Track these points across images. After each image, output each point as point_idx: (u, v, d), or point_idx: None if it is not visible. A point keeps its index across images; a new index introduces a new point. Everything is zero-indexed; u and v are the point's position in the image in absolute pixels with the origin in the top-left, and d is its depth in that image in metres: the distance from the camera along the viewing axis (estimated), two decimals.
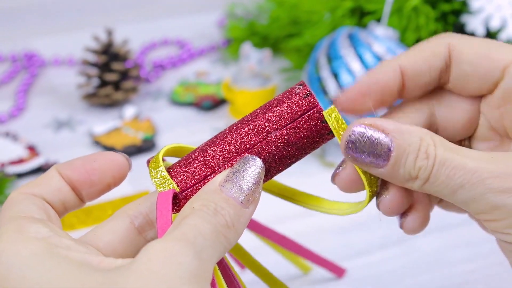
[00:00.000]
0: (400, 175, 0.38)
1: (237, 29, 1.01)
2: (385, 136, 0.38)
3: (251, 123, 0.40)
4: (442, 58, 0.41)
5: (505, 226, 0.37)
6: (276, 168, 0.40)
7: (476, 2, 0.81)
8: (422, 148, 0.37)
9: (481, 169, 0.36)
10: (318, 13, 0.89)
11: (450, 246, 0.65)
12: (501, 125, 0.42)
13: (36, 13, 1.16)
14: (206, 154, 0.40)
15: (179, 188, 0.40)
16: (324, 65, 0.76)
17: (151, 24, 1.13)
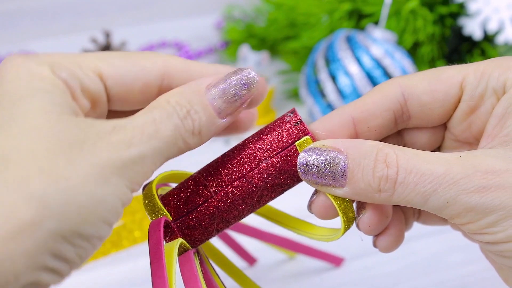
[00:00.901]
0: (363, 190, 0.37)
1: (235, 31, 1.01)
2: (338, 154, 0.37)
3: (243, 152, 0.40)
4: (393, 98, 0.41)
5: (482, 227, 0.36)
6: (268, 195, 0.40)
7: (473, 4, 0.81)
8: (380, 158, 0.37)
9: (451, 171, 0.35)
10: (316, 16, 0.89)
11: (447, 249, 0.65)
12: (468, 134, 0.42)
13: (34, 16, 1.16)
14: (199, 183, 0.40)
15: (172, 217, 0.40)
16: (322, 67, 0.76)
17: (149, 26, 1.13)
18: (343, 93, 0.74)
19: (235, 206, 0.40)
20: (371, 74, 0.74)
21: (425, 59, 0.84)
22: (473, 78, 0.40)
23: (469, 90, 0.40)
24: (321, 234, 0.43)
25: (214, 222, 0.40)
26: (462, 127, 0.42)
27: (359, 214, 0.40)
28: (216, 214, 0.40)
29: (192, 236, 0.40)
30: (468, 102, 0.40)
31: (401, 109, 0.41)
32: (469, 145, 0.42)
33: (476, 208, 0.35)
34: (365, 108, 0.41)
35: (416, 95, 0.41)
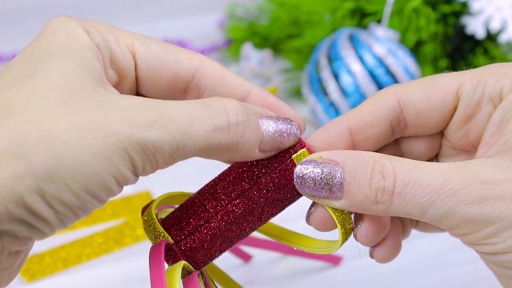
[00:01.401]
0: (360, 202, 0.37)
1: (238, 30, 1.01)
2: (335, 166, 0.37)
3: (240, 169, 0.40)
4: (389, 107, 0.40)
5: (481, 238, 0.36)
6: (269, 212, 0.40)
7: (476, 3, 0.81)
8: (376, 170, 0.36)
9: (449, 182, 0.35)
10: (318, 14, 0.89)
11: (449, 248, 0.65)
12: (465, 141, 0.41)
13: (36, 14, 1.16)
14: (199, 204, 0.40)
15: (172, 239, 0.39)
16: (325, 66, 0.76)
17: (151, 24, 1.13)
18: (345, 91, 0.74)
19: (236, 225, 0.40)
20: (374, 73, 0.74)
21: (428, 58, 0.84)
22: (469, 85, 0.40)
23: (466, 97, 0.40)
24: (319, 246, 0.43)
25: (217, 242, 0.40)
26: (459, 134, 0.41)
27: (357, 225, 0.40)
28: (218, 234, 0.39)
29: (195, 258, 0.40)
30: (465, 110, 0.40)
31: (397, 118, 0.41)
32: (467, 152, 0.42)
33: (475, 219, 0.35)
34: (361, 118, 0.40)
35: (412, 103, 0.40)
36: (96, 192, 0.32)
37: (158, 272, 0.35)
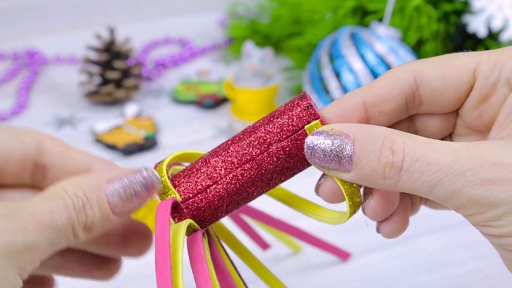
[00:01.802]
0: (368, 176, 0.37)
1: (239, 28, 1.01)
2: (345, 138, 0.37)
3: (253, 135, 0.40)
4: (404, 83, 0.40)
5: (487, 219, 0.36)
6: (278, 178, 0.41)
7: (478, 2, 0.81)
8: (386, 145, 0.36)
9: (457, 162, 0.35)
10: (320, 12, 0.89)
11: (452, 246, 0.65)
12: (480, 122, 0.41)
13: (38, 11, 1.16)
14: (209, 165, 0.40)
15: (181, 197, 0.40)
16: (326, 64, 0.76)
17: (153, 22, 1.13)
18: (347, 90, 0.74)
19: (244, 189, 0.40)
20: (375, 71, 0.74)
21: (429, 57, 0.84)
22: (487, 66, 0.39)
23: (482, 78, 0.39)
24: (328, 216, 0.43)
25: (224, 204, 0.40)
26: (473, 115, 0.41)
27: (366, 199, 0.40)
28: (225, 196, 0.40)
29: (201, 217, 0.40)
30: (480, 90, 0.40)
31: (412, 94, 0.41)
32: (481, 133, 0.42)
33: (481, 201, 0.35)
34: (377, 92, 0.40)
35: (427, 81, 0.40)
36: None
37: (162, 230, 0.36)
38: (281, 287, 0.50)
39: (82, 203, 0.37)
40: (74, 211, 0.37)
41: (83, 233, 0.38)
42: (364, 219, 0.41)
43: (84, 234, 0.38)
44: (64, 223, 0.36)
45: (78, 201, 0.37)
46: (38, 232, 0.35)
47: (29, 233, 0.34)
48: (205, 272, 0.37)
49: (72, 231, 0.37)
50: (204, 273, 0.37)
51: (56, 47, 1.03)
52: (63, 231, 0.36)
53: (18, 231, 0.34)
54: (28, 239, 0.34)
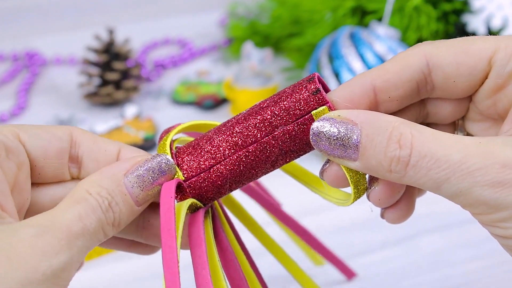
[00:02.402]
0: (374, 167, 0.36)
1: (239, 29, 1.01)
2: (351, 127, 0.37)
3: (258, 116, 0.40)
4: (416, 68, 0.39)
5: (493, 220, 0.35)
6: (283, 160, 0.40)
7: (477, 1, 0.81)
8: (394, 138, 0.35)
9: (467, 160, 0.34)
10: (319, 13, 0.89)
11: (452, 246, 0.65)
12: (493, 110, 0.40)
13: (37, 12, 1.16)
14: (213, 144, 0.40)
15: (184, 176, 0.40)
16: (326, 64, 0.76)
17: (152, 23, 1.13)
18: None
19: (248, 169, 0.40)
20: None
21: None
22: (504, 54, 0.38)
23: (498, 67, 0.38)
24: (334, 196, 0.43)
25: (227, 183, 0.40)
26: (487, 103, 0.40)
27: (371, 186, 0.39)
28: (229, 177, 0.40)
29: (204, 195, 0.41)
30: (495, 80, 0.38)
31: (425, 80, 0.39)
32: (494, 120, 0.41)
33: (489, 202, 0.34)
34: (387, 77, 0.39)
35: (441, 67, 0.39)
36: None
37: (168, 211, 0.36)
38: (287, 259, 0.50)
39: (108, 202, 0.37)
40: (102, 212, 0.36)
41: (112, 231, 0.37)
42: (366, 211, 0.41)
43: (113, 231, 0.38)
44: (95, 227, 0.36)
45: (104, 201, 0.37)
46: (72, 246, 0.34)
47: (63, 251, 0.34)
48: (202, 257, 0.38)
49: (103, 232, 0.37)
50: (202, 257, 0.37)
51: (56, 47, 1.03)
52: (94, 235, 0.36)
53: (52, 254, 0.33)
54: (62, 259, 0.34)
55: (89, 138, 0.41)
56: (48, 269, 0.33)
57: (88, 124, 0.85)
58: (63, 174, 0.41)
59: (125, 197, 0.38)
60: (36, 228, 0.34)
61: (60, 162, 0.40)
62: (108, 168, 0.39)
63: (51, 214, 0.35)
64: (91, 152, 0.41)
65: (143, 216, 0.41)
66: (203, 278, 0.37)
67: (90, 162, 0.41)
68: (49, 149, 0.40)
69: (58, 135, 0.40)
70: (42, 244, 0.33)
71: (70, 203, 0.36)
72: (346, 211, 0.68)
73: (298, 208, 0.68)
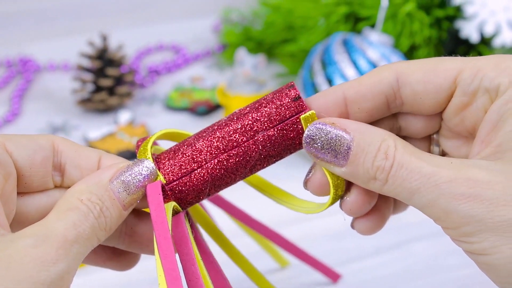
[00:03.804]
0: (360, 174, 0.38)
1: (232, 34, 1.01)
2: (345, 134, 0.38)
3: (240, 122, 0.41)
4: (386, 83, 0.41)
5: (460, 234, 0.36)
6: (260, 165, 0.41)
7: (470, 7, 0.81)
8: (382, 149, 0.38)
9: (436, 174, 0.36)
10: (312, 19, 0.89)
11: (445, 252, 0.65)
12: (462, 128, 0.42)
13: (31, 18, 1.15)
14: (194, 149, 0.41)
15: (165, 180, 0.41)
16: (319, 70, 0.76)
17: (146, 29, 1.13)
18: None
19: (228, 174, 0.41)
20: None
21: None
22: (468, 74, 0.40)
23: (463, 86, 0.40)
24: (301, 205, 0.44)
25: (207, 187, 0.41)
26: (455, 120, 0.42)
27: (344, 195, 0.41)
28: (209, 181, 0.41)
29: (184, 199, 0.41)
30: (461, 98, 0.40)
31: (394, 95, 0.41)
32: (465, 138, 0.42)
33: (453, 215, 0.36)
34: (358, 89, 0.41)
35: (409, 84, 0.41)
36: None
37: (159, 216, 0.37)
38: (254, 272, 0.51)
39: (99, 208, 0.38)
40: (94, 218, 0.37)
41: (104, 235, 0.38)
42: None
43: (104, 236, 0.38)
44: (88, 233, 0.37)
45: (95, 206, 0.38)
46: (68, 254, 0.35)
47: (61, 260, 0.34)
48: (191, 254, 0.38)
49: (96, 237, 0.37)
50: (190, 255, 0.38)
51: (49, 54, 1.03)
52: (88, 241, 0.37)
53: (50, 263, 0.34)
54: (60, 268, 0.34)
55: (70, 146, 0.42)
56: (48, 278, 0.34)
57: (82, 131, 0.85)
58: (47, 182, 0.41)
59: (114, 201, 0.39)
60: (32, 239, 0.34)
61: (45, 171, 0.41)
62: (94, 175, 0.39)
63: (45, 223, 0.36)
64: (74, 160, 0.42)
65: (125, 223, 0.42)
66: (193, 274, 0.38)
67: (73, 170, 0.42)
68: (35, 158, 0.40)
69: (42, 144, 0.41)
70: (40, 254, 0.34)
71: (62, 212, 0.37)
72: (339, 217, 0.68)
73: (291, 215, 0.68)
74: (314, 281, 0.62)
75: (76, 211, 0.37)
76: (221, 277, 0.42)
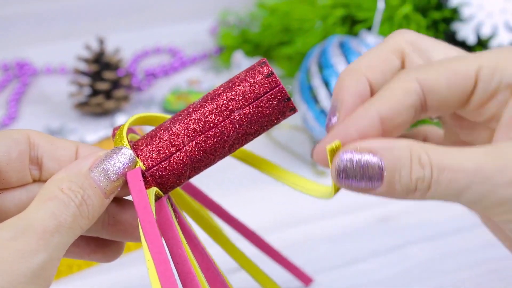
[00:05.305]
0: (399, 191, 0.38)
1: (229, 37, 1.01)
2: (373, 156, 0.37)
3: (215, 102, 0.41)
4: (414, 95, 0.40)
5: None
6: (239, 143, 0.42)
7: (467, 9, 0.81)
8: (414, 160, 0.37)
9: (483, 167, 0.36)
10: (309, 21, 0.89)
11: (442, 255, 0.65)
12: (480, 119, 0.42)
13: (28, 22, 1.15)
14: (171, 133, 0.41)
15: (145, 166, 0.41)
16: (315, 73, 0.76)
17: (143, 32, 1.13)
18: None
19: (207, 155, 0.41)
20: None
21: None
22: (487, 71, 0.40)
23: (483, 84, 0.40)
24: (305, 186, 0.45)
25: (187, 170, 0.41)
26: (473, 114, 0.42)
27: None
28: (189, 164, 0.41)
29: (165, 184, 0.41)
30: (481, 96, 0.40)
31: (421, 105, 0.41)
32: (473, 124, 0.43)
33: (510, 201, 0.36)
34: (391, 106, 0.40)
35: (435, 91, 0.40)
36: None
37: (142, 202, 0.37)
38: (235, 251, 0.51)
39: (80, 196, 0.37)
40: (76, 207, 0.37)
41: (87, 224, 0.38)
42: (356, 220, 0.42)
43: (87, 224, 0.38)
44: (70, 222, 0.36)
45: (77, 195, 0.37)
46: (49, 244, 0.35)
47: (41, 251, 0.34)
48: (176, 237, 0.39)
49: (79, 226, 0.37)
50: (175, 238, 0.38)
51: (46, 57, 1.03)
52: (70, 230, 0.36)
53: (30, 255, 0.34)
54: (41, 259, 0.34)
55: (46, 139, 0.42)
56: (29, 270, 0.33)
57: (79, 134, 0.85)
58: (25, 177, 0.41)
59: (95, 189, 0.38)
60: (11, 231, 0.34)
61: (22, 165, 0.41)
62: (73, 164, 0.39)
63: (24, 215, 0.36)
64: (50, 152, 0.41)
65: (107, 212, 0.42)
66: (180, 257, 0.38)
67: (50, 162, 0.41)
68: (11, 153, 0.40)
69: (17, 138, 0.41)
70: (19, 246, 0.34)
71: (41, 202, 0.36)
72: (336, 220, 0.68)
73: (289, 217, 0.68)
74: (314, 270, 0.62)
75: (55, 200, 0.36)
76: (206, 259, 0.42)
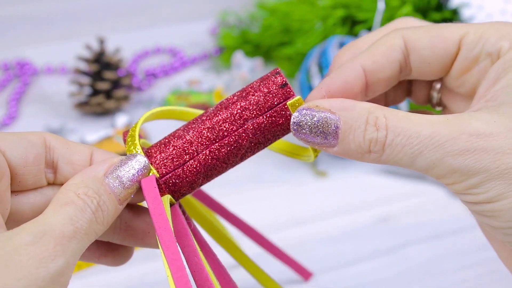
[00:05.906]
0: (353, 151, 0.39)
1: (229, 38, 1.01)
2: (331, 115, 0.39)
3: (228, 111, 0.41)
4: (399, 50, 0.42)
5: (465, 188, 0.37)
6: (251, 152, 0.42)
7: (467, 10, 0.81)
8: (370, 121, 0.38)
9: (437, 134, 0.37)
10: (309, 22, 0.89)
11: (441, 256, 0.65)
12: (463, 90, 0.43)
13: (28, 22, 1.16)
14: (185, 141, 0.41)
15: (158, 173, 0.41)
16: (315, 73, 0.76)
17: (143, 32, 1.13)
18: None
19: (220, 163, 0.41)
20: None
21: None
22: (472, 38, 0.41)
23: (466, 50, 0.41)
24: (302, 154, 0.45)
25: (200, 178, 0.41)
26: (456, 83, 0.43)
27: None
28: (202, 172, 0.41)
29: (178, 191, 0.41)
30: (463, 62, 0.41)
31: (405, 61, 0.42)
32: (463, 97, 0.44)
33: (460, 170, 0.37)
34: (376, 59, 0.42)
35: (418, 50, 0.42)
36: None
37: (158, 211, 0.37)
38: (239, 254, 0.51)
39: (96, 202, 0.37)
40: (92, 212, 0.37)
41: (101, 229, 0.38)
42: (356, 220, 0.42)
43: (101, 230, 0.38)
44: (86, 228, 0.36)
45: (93, 201, 0.37)
46: (67, 250, 0.35)
47: (59, 256, 0.34)
48: (192, 245, 0.39)
49: (94, 232, 0.37)
50: (191, 246, 0.39)
51: (46, 57, 1.03)
52: (86, 236, 0.36)
53: (48, 260, 0.34)
54: (59, 264, 0.34)
55: (62, 143, 0.42)
56: (47, 275, 0.34)
57: (79, 134, 0.85)
58: (40, 180, 0.41)
59: (110, 195, 0.38)
60: (30, 236, 0.34)
61: (38, 169, 0.41)
62: (89, 169, 0.39)
63: (42, 219, 0.36)
64: (66, 156, 0.41)
65: (120, 218, 0.42)
66: (197, 265, 0.38)
67: (66, 166, 0.42)
68: (28, 156, 0.40)
69: (34, 141, 0.41)
70: (38, 251, 0.34)
71: (59, 207, 0.37)
72: (336, 220, 0.68)
73: (290, 217, 0.68)
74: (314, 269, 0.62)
75: (72, 205, 0.37)
76: (219, 266, 0.42)
